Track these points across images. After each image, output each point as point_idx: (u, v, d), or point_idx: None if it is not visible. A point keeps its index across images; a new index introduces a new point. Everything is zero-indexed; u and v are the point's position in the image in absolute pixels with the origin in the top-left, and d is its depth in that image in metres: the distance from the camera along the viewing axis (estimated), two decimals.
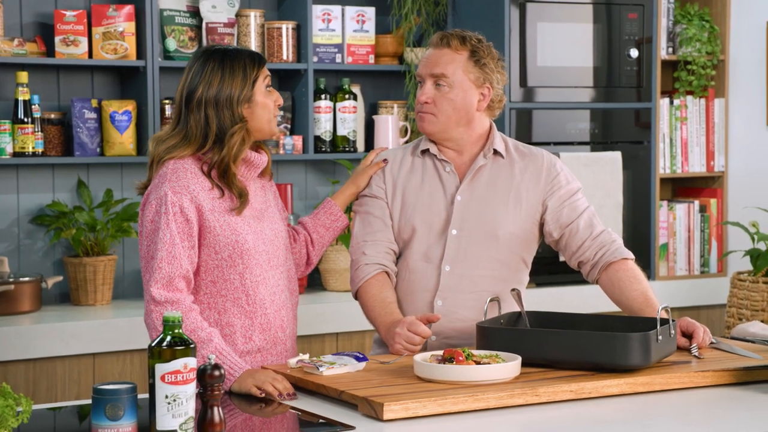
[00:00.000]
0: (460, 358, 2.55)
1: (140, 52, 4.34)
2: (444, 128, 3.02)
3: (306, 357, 2.71)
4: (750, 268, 4.73)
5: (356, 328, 4.30)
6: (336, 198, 3.12)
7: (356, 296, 3.06)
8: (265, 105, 2.86)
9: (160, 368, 2.15)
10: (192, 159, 2.81)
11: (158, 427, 2.15)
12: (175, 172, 2.78)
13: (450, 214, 3.02)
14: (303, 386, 2.61)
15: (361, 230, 3.08)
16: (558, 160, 3.11)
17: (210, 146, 2.81)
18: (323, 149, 4.67)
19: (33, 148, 4.18)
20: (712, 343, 2.88)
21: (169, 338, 2.17)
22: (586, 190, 4.63)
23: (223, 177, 2.80)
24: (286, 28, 4.57)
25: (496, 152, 3.06)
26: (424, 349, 2.90)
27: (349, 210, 3.14)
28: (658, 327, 2.63)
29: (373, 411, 2.36)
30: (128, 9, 4.33)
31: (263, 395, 2.56)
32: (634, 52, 4.87)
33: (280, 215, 2.97)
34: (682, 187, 5.31)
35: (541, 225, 3.06)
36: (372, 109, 4.89)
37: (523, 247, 3.05)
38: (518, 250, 3.04)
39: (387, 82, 4.92)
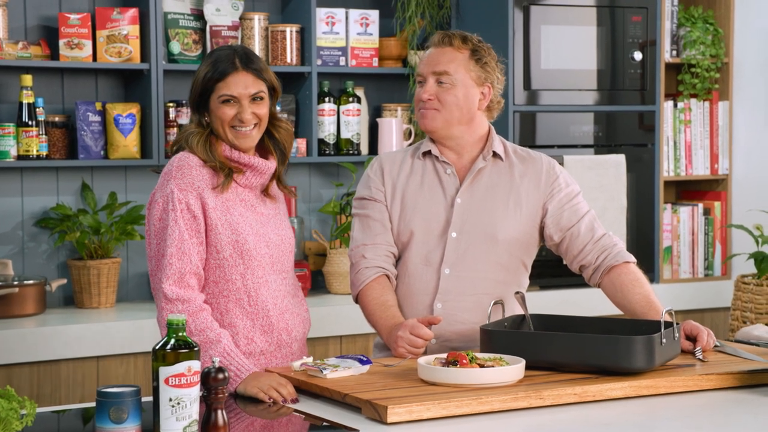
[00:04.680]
0: (464, 361, 2.54)
1: (144, 55, 4.34)
2: (446, 125, 3.02)
3: (310, 360, 2.71)
4: (754, 271, 4.72)
5: (360, 331, 4.30)
6: None
7: (357, 300, 3.05)
8: None
9: (164, 371, 2.15)
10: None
11: (162, 430, 2.15)
12: (180, 170, 2.79)
13: (450, 217, 3.02)
14: (307, 389, 2.61)
15: (360, 233, 3.07)
16: (557, 163, 3.11)
17: None
18: (327, 152, 4.67)
19: (37, 151, 4.19)
20: (716, 346, 2.88)
21: (173, 341, 2.17)
22: (590, 193, 4.64)
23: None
24: (290, 31, 4.57)
25: (495, 155, 3.06)
26: (425, 352, 2.90)
27: (348, 212, 3.13)
28: (662, 330, 2.63)
29: (377, 414, 2.36)
30: (132, 12, 4.33)
31: (270, 401, 2.56)
32: (637, 55, 4.87)
33: (288, 223, 2.99)
34: (686, 190, 5.30)
35: (542, 228, 3.06)
36: (376, 112, 4.89)
37: (523, 251, 3.05)
38: (518, 254, 3.04)
39: (391, 85, 4.92)
